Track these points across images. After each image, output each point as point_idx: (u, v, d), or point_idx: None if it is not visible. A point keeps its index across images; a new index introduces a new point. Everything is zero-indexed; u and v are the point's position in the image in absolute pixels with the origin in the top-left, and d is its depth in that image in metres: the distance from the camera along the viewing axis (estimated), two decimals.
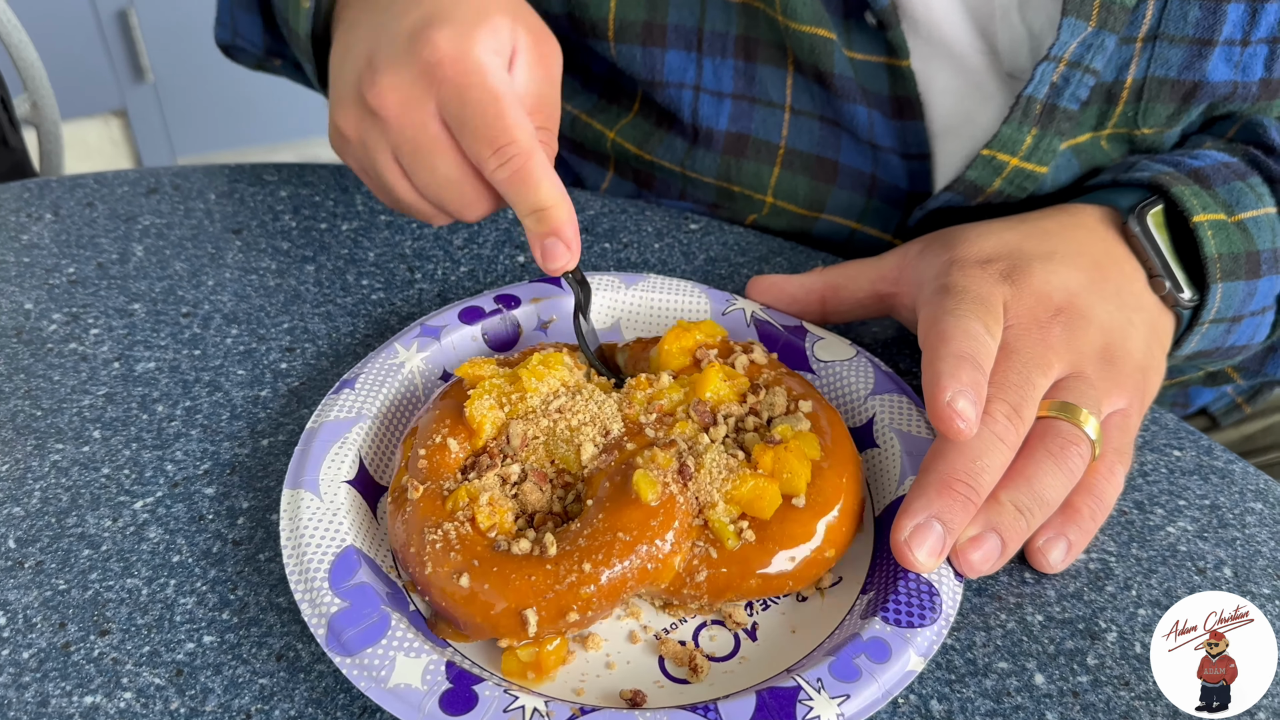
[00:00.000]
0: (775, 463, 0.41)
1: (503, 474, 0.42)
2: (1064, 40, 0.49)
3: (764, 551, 0.40)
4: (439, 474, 0.42)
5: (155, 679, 0.39)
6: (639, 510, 0.39)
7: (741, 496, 0.40)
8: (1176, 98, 0.52)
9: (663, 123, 0.63)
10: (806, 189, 0.61)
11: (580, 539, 0.39)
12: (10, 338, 0.54)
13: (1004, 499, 0.41)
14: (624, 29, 0.59)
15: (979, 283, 0.44)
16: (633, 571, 0.39)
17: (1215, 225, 0.48)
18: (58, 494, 0.46)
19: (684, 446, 0.42)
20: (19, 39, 0.96)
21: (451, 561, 0.39)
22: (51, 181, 0.65)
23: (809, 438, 0.42)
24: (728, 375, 0.45)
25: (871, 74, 0.55)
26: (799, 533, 0.40)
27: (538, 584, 0.38)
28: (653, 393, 0.45)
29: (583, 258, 0.60)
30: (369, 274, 0.58)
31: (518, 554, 0.39)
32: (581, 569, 0.38)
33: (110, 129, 2.07)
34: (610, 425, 0.43)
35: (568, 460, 0.43)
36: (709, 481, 0.41)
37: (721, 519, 0.40)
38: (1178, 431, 0.50)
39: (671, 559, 0.39)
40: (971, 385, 0.40)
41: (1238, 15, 0.49)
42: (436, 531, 0.40)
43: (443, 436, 0.43)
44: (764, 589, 0.40)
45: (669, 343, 0.47)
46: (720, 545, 0.40)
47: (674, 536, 0.39)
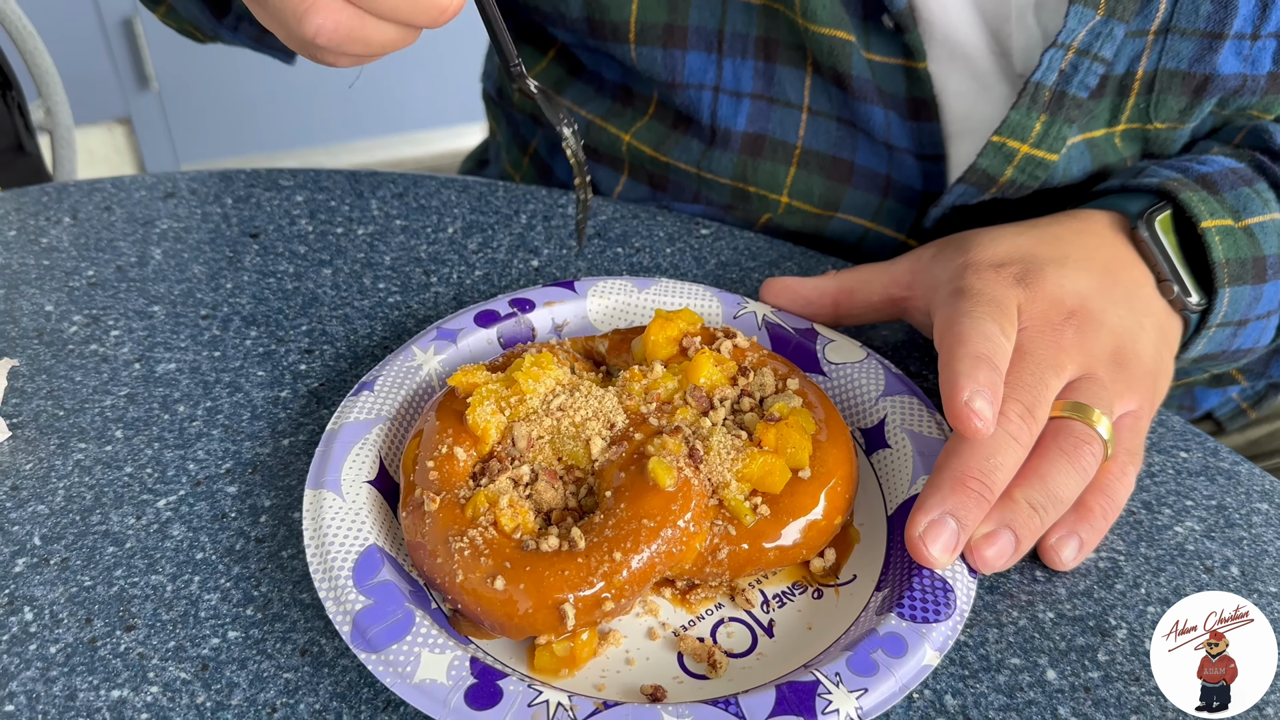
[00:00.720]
0: (779, 439, 0.42)
1: (514, 476, 0.42)
2: (1071, 27, 0.50)
3: (778, 524, 0.41)
4: (451, 483, 0.42)
5: (181, 673, 0.39)
6: (659, 496, 0.40)
7: (752, 474, 0.42)
8: (1188, 90, 0.53)
9: (679, 125, 0.63)
10: (822, 188, 0.61)
11: (606, 529, 0.40)
12: (32, 339, 0.54)
13: (1018, 496, 0.41)
14: (645, 31, 0.60)
15: (993, 286, 0.45)
16: (660, 555, 0.40)
17: (1222, 231, 0.49)
18: (81, 492, 0.46)
19: (689, 431, 0.43)
20: (34, 46, 0.97)
21: (483, 566, 0.39)
22: (70, 186, 0.66)
23: (803, 412, 0.44)
24: (717, 360, 0.46)
25: (889, 75, 0.56)
26: (808, 503, 0.42)
27: (572, 577, 0.38)
28: (648, 383, 0.46)
29: (596, 261, 0.60)
30: (385, 277, 0.59)
31: (548, 550, 0.39)
32: (612, 558, 0.39)
33: (115, 136, 2.08)
34: (614, 418, 0.44)
35: (576, 456, 0.43)
36: (719, 462, 0.42)
37: (736, 497, 0.42)
38: (1184, 433, 0.51)
39: (694, 540, 0.41)
40: (988, 385, 0.40)
41: (1248, 9, 0.50)
42: (462, 539, 0.40)
43: (448, 446, 0.43)
44: (780, 559, 0.41)
45: (654, 333, 0.47)
46: (738, 522, 0.41)
47: (693, 517, 0.41)
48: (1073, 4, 0.49)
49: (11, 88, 0.95)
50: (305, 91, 2.09)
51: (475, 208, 0.65)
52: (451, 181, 0.70)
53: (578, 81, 0.67)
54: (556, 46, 0.68)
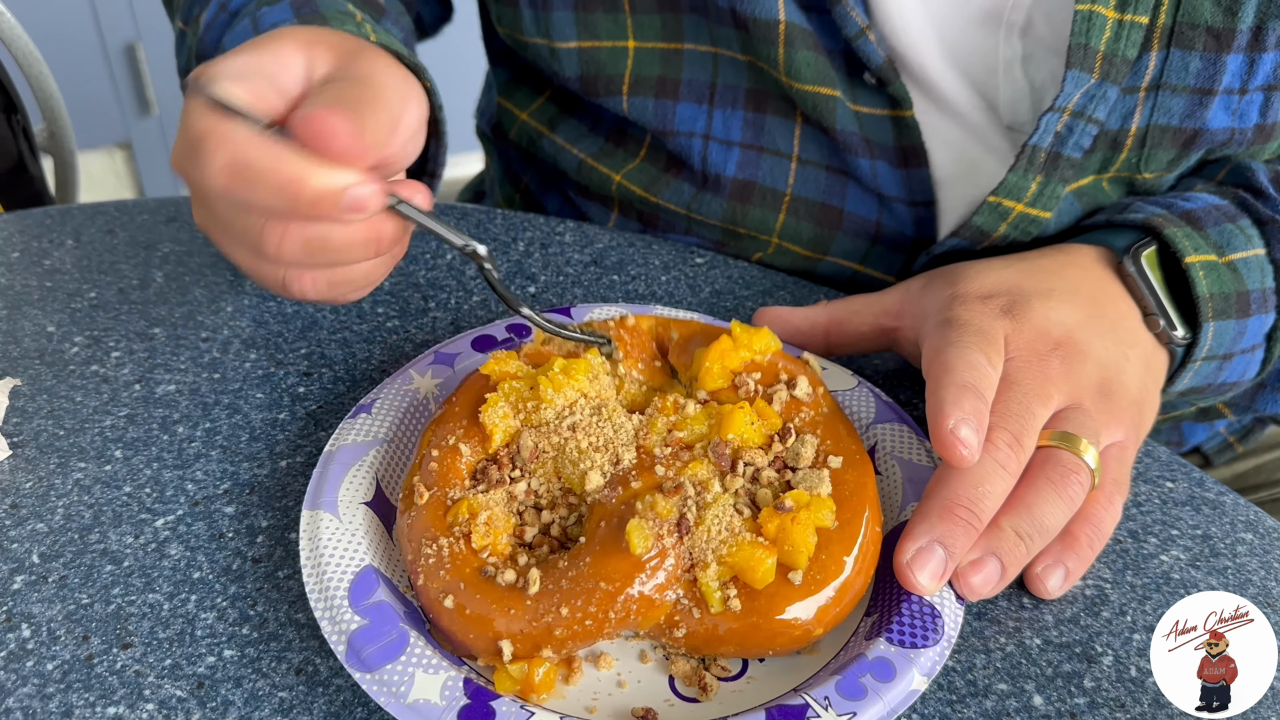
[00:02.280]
0: (780, 532, 0.40)
1: (511, 491, 0.43)
2: (1068, 91, 0.51)
3: (746, 621, 0.39)
4: (448, 479, 0.43)
5: (177, 691, 0.40)
6: (626, 561, 0.39)
7: (736, 562, 0.40)
8: (1178, 144, 0.54)
9: (670, 167, 0.64)
10: (811, 233, 0.62)
11: (564, 580, 0.39)
12: (33, 359, 0.55)
13: (1004, 525, 0.42)
14: (638, 83, 0.61)
15: (981, 317, 0.46)
16: (610, 620, 0.39)
17: (1207, 266, 0.50)
18: (80, 511, 0.47)
19: (691, 492, 0.41)
20: (40, 70, 0.98)
21: (440, 580, 0.40)
22: (73, 208, 0.67)
23: (824, 503, 0.41)
24: (757, 417, 0.44)
25: (876, 126, 0.57)
26: (786, 608, 0.39)
27: (515, 619, 0.39)
28: (675, 420, 0.44)
29: (592, 289, 0.61)
30: (384, 302, 0.60)
31: (501, 585, 0.40)
32: (559, 612, 0.39)
33: (115, 161, 2.09)
34: (622, 454, 0.43)
35: (573, 481, 0.43)
36: (706, 540, 0.40)
37: (710, 582, 0.40)
38: (1170, 464, 0.52)
39: (655, 610, 0.40)
40: (974, 413, 0.41)
41: (1236, 65, 0.51)
42: (433, 545, 0.41)
43: (457, 438, 0.44)
44: (742, 654, 0.40)
45: (713, 359, 0.46)
46: (704, 606, 0.40)
47: (658, 587, 0.39)
48: (1069, 69, 0.50)
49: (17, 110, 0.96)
50: None
51: (473, 235, 0.65)
52: (450, 209, 0.71)
53: (571, 119, 0.68)
54: (553, 87, 0.69)
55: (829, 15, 0.55)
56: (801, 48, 0.55)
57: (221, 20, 0.56)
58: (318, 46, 0.43)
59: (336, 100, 0.40)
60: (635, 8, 0.59)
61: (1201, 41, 0.50)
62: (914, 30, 0.54)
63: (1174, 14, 0.50)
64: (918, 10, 0.54)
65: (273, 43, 0.42)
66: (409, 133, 0.43)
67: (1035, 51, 0.54)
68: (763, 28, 0.55)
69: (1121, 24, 0.50)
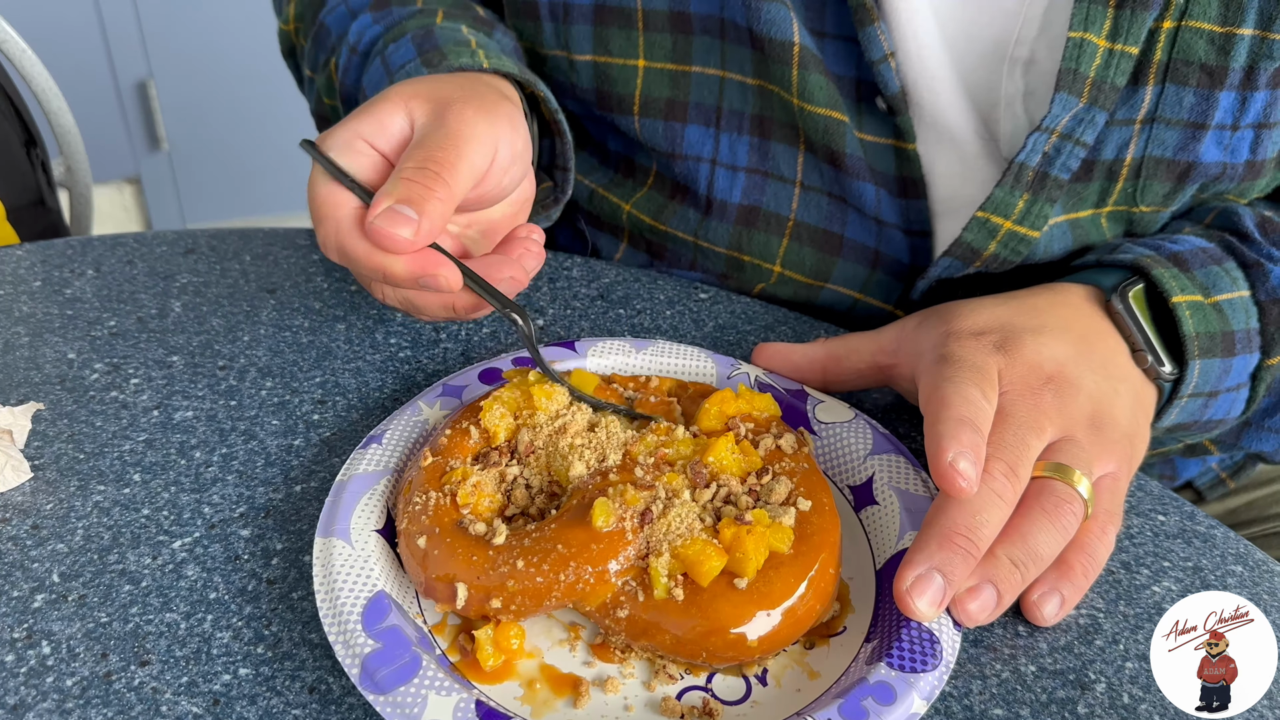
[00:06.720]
0: (734, 540, 0.42)
1: (503, 472, 0.47)
2: (1055, 113, 0.53)
3: (684, 613, 0.41)
4: (453, 452, 0.47)
5: (193, 708, 0.41)
6: (586, 532, 0.42)
7: (687, 556, 0.42)
8: (1172, 176, 0.56)
9: (676, 195, 0.67)
10: (813, 260, 0.64)
11: (526, 539, 0.43)
12: (55, 385, 0.56)
13: (1001, 554, 0.43)
14: (648, 104, 0.63)
15: (975, 353, 0.48)
16: (559, 584, 0.41)
17: (1193, 306, 0.52)
18: (100, 532, 0.48)
19: (662, 494, 0.44)
20: (58, 106, 1.00)
21: (420, 524, 0.44)
22: (94, 240, 0.69)
23: (784, 531, 0.43)
24: (741, 450, 0.47)
25: (879, 154, 0.60)
26: (727, 612, 0.41)
27: (476, 565, 0.42)
28: (664, 440, 0.47)
29: (599, 322, 0.63)
30: (396, 333, 0.61)
31: (471, 535, 0.43)
32: (515, 564, 0.42)
33: (124, 196, 2.12)
34: (609, 454, 0.47)
35: (560, 473, 0.47)
36: (665, 533, 0.42)
37: (659, 569, 0.42)
38: (1162, 498, 0.53)
39: (603, 587, 0.42)
40: (971, 446, 0.42)
41: (1229, 102, 0.53)
42: (422, 497, 0.45)
43: (469, 423, 0.49)
44: (676, 650, 0.41)
45: (712, 403, 0.49)
46: (649, 591, 0.41)
47: (611, 566, 0.42)
48: (1058, 92, 0.53)
49: (36, 145, 0.99)
50: None
51: None
52: None
53: (582, 153, 0.71)
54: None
55: (841, 42, 0.58)
56: (814, 71, 0.57)
57: (355, 63, 0.65)
58: (415, 100, 0.51)
59: (419, 171, 0.47)
60: (649, 25, 0.62)
61: (1195, 78, 0.53)
62: (929, 59, 0.56)
63: (1169, 50, 0.52)
64: (935, 39, 0.56)
65: (376, 107, 0.50)
66: (501, 170, 0.51)
67: (1037, 88, 0.56)
68: (778, 48, 0.57)
69: (1112, 53, 0.52)
